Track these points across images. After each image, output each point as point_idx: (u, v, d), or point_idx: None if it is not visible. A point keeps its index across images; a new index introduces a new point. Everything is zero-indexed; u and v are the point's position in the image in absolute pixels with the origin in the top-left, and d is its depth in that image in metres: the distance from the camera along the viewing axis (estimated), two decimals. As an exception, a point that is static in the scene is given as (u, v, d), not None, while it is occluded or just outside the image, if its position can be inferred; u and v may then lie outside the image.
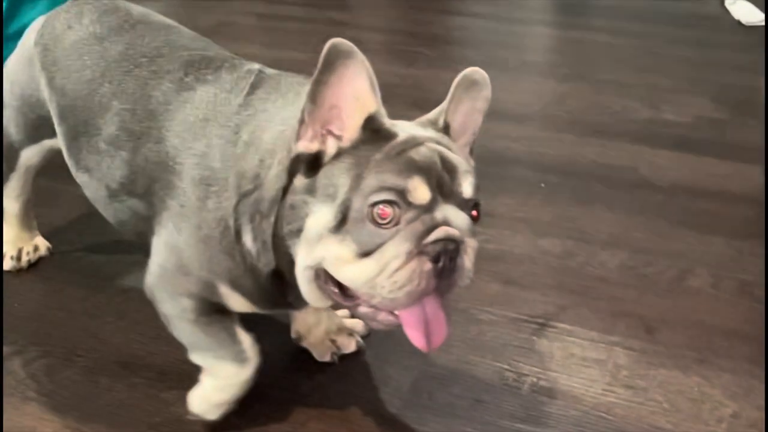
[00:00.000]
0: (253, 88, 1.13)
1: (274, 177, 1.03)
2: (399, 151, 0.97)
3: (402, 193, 0.94)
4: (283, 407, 1.29)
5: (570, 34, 3.22)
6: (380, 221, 0.94)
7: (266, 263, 1.07)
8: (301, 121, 0.98)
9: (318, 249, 0.98)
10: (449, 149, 1.01)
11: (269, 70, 1.18)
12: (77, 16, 1.35)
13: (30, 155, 1.51)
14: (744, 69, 2.72)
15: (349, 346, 1.40)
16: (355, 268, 0.96)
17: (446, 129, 1.06)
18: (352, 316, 1.38)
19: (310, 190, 0.99)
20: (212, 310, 1.16)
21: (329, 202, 0.97)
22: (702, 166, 2.09)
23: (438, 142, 1.01)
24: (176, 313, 1.17)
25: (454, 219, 0.97)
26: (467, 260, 0.97)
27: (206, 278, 1.12)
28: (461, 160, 1.01)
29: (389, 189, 0.94)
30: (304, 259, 1.00)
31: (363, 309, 1.00)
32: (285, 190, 1.01)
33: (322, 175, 0.98)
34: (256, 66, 1.19)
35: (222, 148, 1.09)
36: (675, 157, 2.14)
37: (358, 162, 0.97)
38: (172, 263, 1.14)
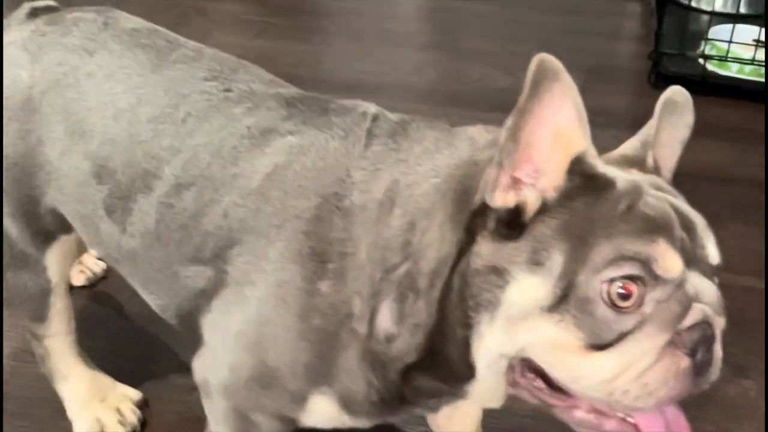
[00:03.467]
0: (373, 134, 0.90)
1: (435, 242, 0.80)
2: (628, 205, 0.75)
3: (646, 263, 0.72)
4: None
5: (433, 2, 3.16)
6: (620, 303, 0.73)
7: (406, 352, 0.83)
8: (498, 166, 0.75)
9: (523, 331, 0.76)
10: (676, 198, 0.80)
11: (389, 114, 0.93)
12: (89, 37, 1.03)
13: (56, 263, 1.11)
14: (602, 35, 2.71)
15: None
16: (583, 363, 0.74)
17: (657, 170, 0.84)
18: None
19: (509, 256, 0.76)
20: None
21: (540, 273, 0.74)
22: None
23: (660, 189, 0.79)
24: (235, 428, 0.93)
25: (706, 293, 0.75)
26: (719, 348, 0.76)
27: (300, 390, 0.88)
28: (696, 214, 0.79)
29: (631, 259, 0.72)
30: (499, 342, 0.77)
31: (580, 414, 0.79)
32: (459, 254, 0.79)
33: (527, 237, 0.75)
34: (372, 108, 0.94)
35: (345, 212, 0.85)
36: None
37: (576, 219, 0.74)
38: (248, 368, 0.88)
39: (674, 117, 0.86)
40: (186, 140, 0.94)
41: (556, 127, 0.74)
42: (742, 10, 2.58)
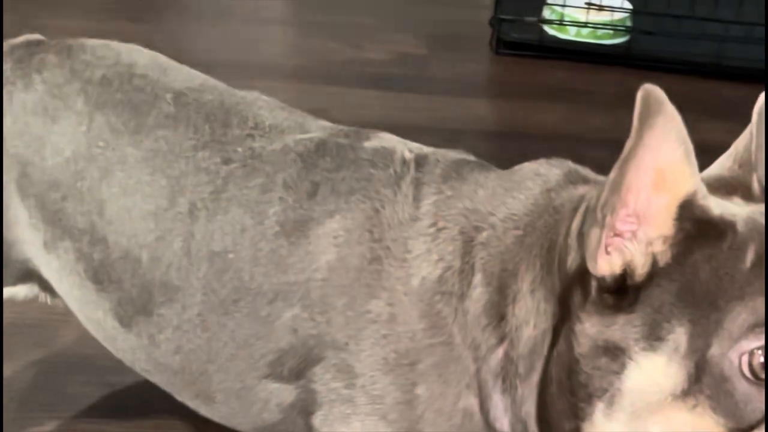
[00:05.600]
0: (422, 183, 0.75)
1: (531, 316, 0.68)
2: (758, 254, 0.62)
3: None
4: None
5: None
6: (763, 376, 0.60)
7: None
8: (601, 227, 0.62)
9: (652, 423, 0.63)
10: None
11: (430, 151, 0.79)
12: (52, 93, 0.85)
13: None
14: (444, 3, 2.69)
15: None
16: None
17: (763, 194, 0.71)
18: None
19: (621, 332, 0.63)
20: None
21: (664, 350, 0.62)
22: (400, 102, 2.05)
23: None
24: None
25: None
26: None
27: None
28: None
29: None
30: None
31: None
32: (555, 332, 0.67)
33: (642, 306, 0.63)
34: (406, 151, 0.79)
35: (418, 295, 0.72)
36: (373, 95, 2.08)
37: (698, 279, 0.62)
38: None
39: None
40: (205, 245, 0.78)
41: (659, 165, 0.61)
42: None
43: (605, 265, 0.63)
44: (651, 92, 0.58)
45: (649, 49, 2.27)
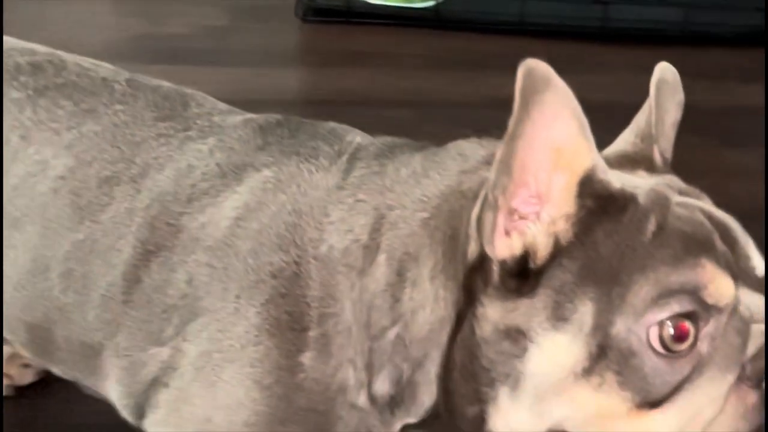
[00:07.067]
0: (356, 158, 0.74)
1: (428, 302, 0.66)
2: (658, 224, 0.61)
3: (695, 293, 0.59)
4: None
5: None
6: (674, 347, 0.59)
7: (411, 413, 0.70)
8: (494, 209, 0.61)
9: (556, 404, 0.62)
10: (703, 201, 0.67)
11: (380, 139, 0.78)
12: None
13: None
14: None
15: None
16: (635, 427, 0.61)
17: (667, 167, 0.71)
18: None
19: (524, 315, 0.62)
20: None
21: (568, 330, 0.61)
22: (203, 76, 1.95)
23: (684, 193, 0.67)
24: None
25: (762, 310, 0.62)
26: None
27: None
28: (729, 217, 0.66)
29: (678, 293, 0.59)
30: (528, 422, 0.63)
31: None
32: (459, 318, 0.65)
33: (544, 288, 0.62)
34: (359, 138, 0.78)
35: (322, 261, 0.70)
36: (173, 70, 1.98)
37: (600, 255, 0.61)
38: None
39: (668, 100, 0.73)
40: (148, 195, 0.78)
41: (555, 143, 0.60)
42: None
43: (504, 248, 0.62)
44: (535, 67, 0.57)
45: (457, 10, 2.28)
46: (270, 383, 0.71)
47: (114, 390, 0.80)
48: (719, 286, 0.60)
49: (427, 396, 0.68)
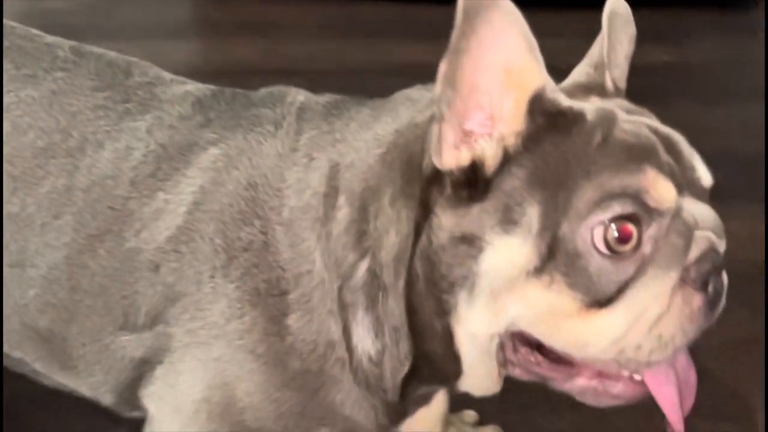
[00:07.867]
0: (303, 120, 0.75)
1: (392, 225, 0.68)
2: (603, 136, 0.65)
3: (637, 197, 0.62)
4: None
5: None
6: (618, 248, 0.62)
7: (398, 367, 0.71)
8: (440, 121, 0.63)
9: (510, 303, 0.65)
10: (651, 119, 0.70)
11: (320, 97, 0.78)
12: None
13: None
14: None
15: None
16: (585, 325, 0.64)
17: (619, 92, 0.74)
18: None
19: (477, 221, 0.65)
20: None
21: (517, 232, 0.64)
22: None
23: (631, 112, 0.69)
24: None
25: (706, 218, 0.65)
26: (725, 274, 0.67)
27: None
28: (676, 133, 0.69)
29: (619, 196, 0.62)
30: (484, 321, 0.66)
31: (582, 382, 0.68)
32: (418, 232, 0.67)
33: (495, 195, 0.64)
34: (300, 95, 0.78)
35: (286, 225, 0.72)
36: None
37: (548, 164, 0.64)
38: None
39: (620, 32, 0.75)
40: (87, 176, 0.77)
41: (504, 63, 0.63)
42: None
43: (451, 159, 0.65)
44: None
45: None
46: (263, 351, 0.73)
47: (90, 381, 0.82)
48: (660, 190, 0.63)
49: (398, 315, 0.70)
